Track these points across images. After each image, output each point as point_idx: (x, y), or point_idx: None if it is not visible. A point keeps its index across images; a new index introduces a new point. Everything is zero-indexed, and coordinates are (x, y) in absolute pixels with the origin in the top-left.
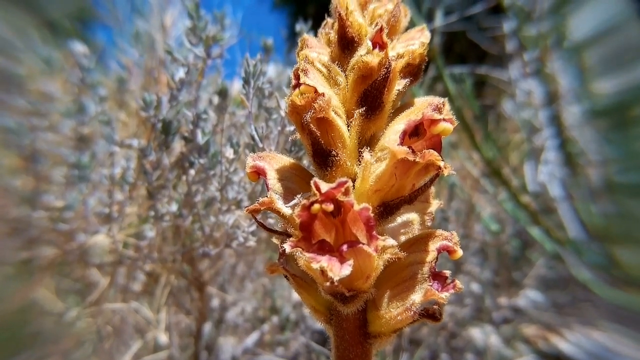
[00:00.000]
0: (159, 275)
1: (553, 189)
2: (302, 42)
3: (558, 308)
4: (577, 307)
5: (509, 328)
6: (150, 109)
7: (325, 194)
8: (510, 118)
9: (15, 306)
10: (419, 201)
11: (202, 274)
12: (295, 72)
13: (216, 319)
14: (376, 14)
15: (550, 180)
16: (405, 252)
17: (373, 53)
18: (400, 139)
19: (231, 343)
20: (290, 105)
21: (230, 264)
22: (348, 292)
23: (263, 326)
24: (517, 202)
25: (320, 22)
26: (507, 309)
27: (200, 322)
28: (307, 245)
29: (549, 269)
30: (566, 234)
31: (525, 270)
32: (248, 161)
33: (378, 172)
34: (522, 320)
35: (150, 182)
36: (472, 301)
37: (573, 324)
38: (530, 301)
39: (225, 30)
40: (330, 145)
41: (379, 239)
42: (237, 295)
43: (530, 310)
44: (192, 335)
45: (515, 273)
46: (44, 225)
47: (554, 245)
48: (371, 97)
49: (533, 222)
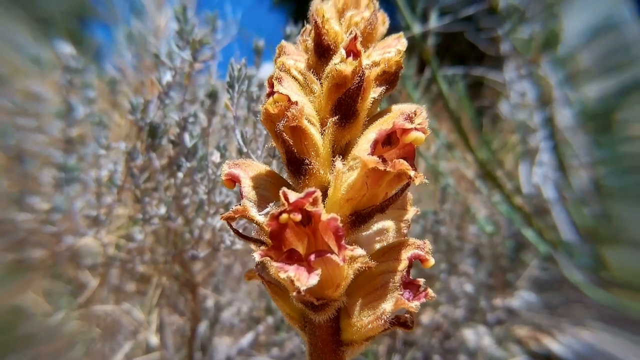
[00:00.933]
0: (151, 277)
1: (547, 191)
2: (279, 49)
3: (550, 309)
4: (568, 308)
5: (501, 329)
6: (137, 112)
7: (293, 204)
8: (506, 119)
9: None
10: (396, 208)
11: (195, 276)
12: (269, 80)
13: (211, 320)
14: (353, 22)
15: (544, 182)
16: (377, 260)
17: (347, 62)
18: (372, 148)
19: (226, 343)
20: (264, 113)
21: (225, 265)
22: (317, 301)
23: (258, 327)
24: (511, 204)
25: None
26: (501, 310)
27: (194, 323)
28: (277, 254)
29: (542, 271)
30: (559, 236)
31: (519, 271)
32: (224, 168)
33: (350, 181)
34: (515, 322)
35: (137, 185)
36: (466, 302)
37: (564, 325)
38: (523, 302)
39: (218, 31)
40: (304, 154)
41: (347, 248)
42: (232, 296)
43: (523, 312)
44: (186, 336)
45: (509, 275)
46: (31, 227)
47: (547, 247)
48: (345, 105)
49: (527, 224)
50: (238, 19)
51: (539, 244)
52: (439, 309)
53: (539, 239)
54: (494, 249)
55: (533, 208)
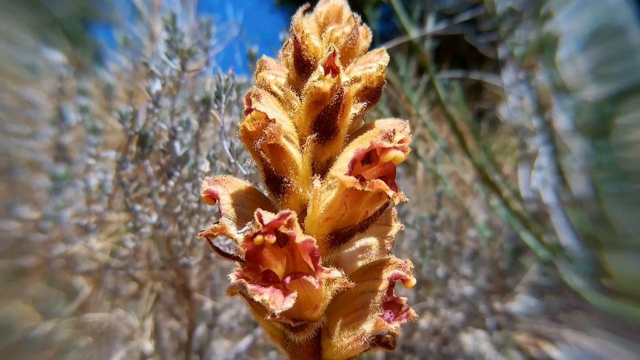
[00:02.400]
0: (145, 283)
1: (546, 195)
2: (260, 63)
3: (550, 315)
4: (569, 315)
5: (501, 335)
6: (126, 121)
7: (267, 226)
8: (506, 122)
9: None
10: (380, 224)
11: (189, 281)
12: (247, 97)
13: (208, 324)
14: (334, 37)
15: (544, 186)
16: (358, 280)
17: (325, 79)
18: (349, 167)
19: (224, 347)
20: (241, 130)
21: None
22: (294, 323)
23: (256, 330)
24: (509, 209)
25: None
26: (500, 315)
27: (191, 328)
28: (253, 275)
29: (542, 276)
30: (558, 241)
31: (519, 276)
32: (203, 185)
33: (328, 201)
34: (515, 327)
35: (127, 194)
36: (465, 307)
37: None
38: (523, 307)
39: (212, 37)
40: (282, 172)
41: (323, 270)
42: (230, 299)
43: (523, 317)
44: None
45: (508, 279)
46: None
47: (546, 252)
48: (325, 122)
49: (526, 228)
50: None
51: (538, 249)
52: (438, 313)
53: (538, 244)
54: (493, 254)
55: (532, 212)
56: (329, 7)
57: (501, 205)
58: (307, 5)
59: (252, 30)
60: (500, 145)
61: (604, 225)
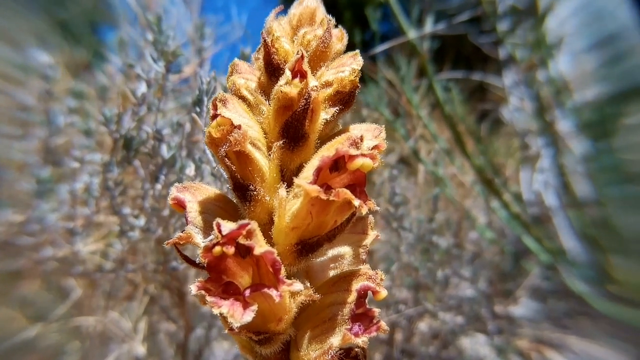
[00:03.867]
0: (138, 285)
1: (548, 198)
2: (231, 67)
3: (554, 320)
4: (573, 320)
5: (502, 339)
6: (111, 123)
7: (226, 237)
8: (508, 123)
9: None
10: (355, 232)
11: (184, 283)
12: (213, 102)
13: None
14: (306, 40)
15: (546, 188)
16: (327, 291)
17: (292, 84)
18: (314, 176)
19: (223, 348)
20: (207, 136)
21: None
22: (257, 336)
23: None
24: (509, 211)
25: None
26: (502, 319)
27: (187, 330)
28: (215, 286)
29: (544, 280)
30: (560, 245)
31: (520, 280)
32: (172, 192)
33: (294, 210)
34: (516, 332)
35: (113, 197)
36: (465, 310)
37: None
38: (525, 311)
39: (206, 38)
40: (248, 179)
41: (285, 283)
42: None
43: (525, 321)
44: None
45: (509, 283)
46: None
47: (548, 256)
48: (293, 128)
49: (527, 231)
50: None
51: (540, 253)
52: (437, 316)
53: (539, 247)
54: (494, 256)
55: (533, 215)
56: (302, 9)
57: (502, 207)
58: (280, 7)
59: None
60: (503, 146)
61: (607, 228)
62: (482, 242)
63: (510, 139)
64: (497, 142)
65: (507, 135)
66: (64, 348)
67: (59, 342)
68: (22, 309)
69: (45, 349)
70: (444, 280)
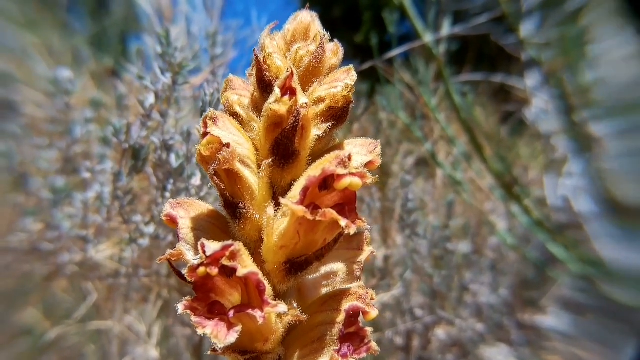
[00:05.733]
0: (152, 289)
1: (579, 204)
2: (226, 82)
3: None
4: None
5: (528, 351)
6: (120, 134)
7: (210, 257)
8: (532, 125)
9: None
10: (350, 249)
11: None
12: (204, 120)
13: None
14: (298, 56)
15: (575, 193)
16: (316, 310)
17: (281, 101)
18: (301, 195)
19: None
20: (197, 154)
21: None
22: (243, 356)
23: None
24: (531, 217)
25: (347, 24)
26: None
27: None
28: (201, 305)
29: (578, 292)
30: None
31: (545, 288)
32: (165, 208)
33: (281, 229)
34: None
35: (122, 206)
36: (485, 318)
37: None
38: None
39: (218, 45)
40: (238, 197)
41: (269, 304)
42: None
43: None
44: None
45: (533, 292)
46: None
47: (582, 265)
48: (283, 145)
49: (553, 238)
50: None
51: (571, 262)
52: (454, 324)
53: (570, 256)
54: (515, 264)
55: (561, 222)
56: (297, 24)
57: (523, 213)
58: (275, 22)
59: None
60: (527, 149)
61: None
62: (503, 248)
63: (535, 141)
64: (520, 144)
65: (531, 137)
66: (82, 350)
67: (78, 344)
68: (45, 311)
69: (65, 350)
70: (460, 288)
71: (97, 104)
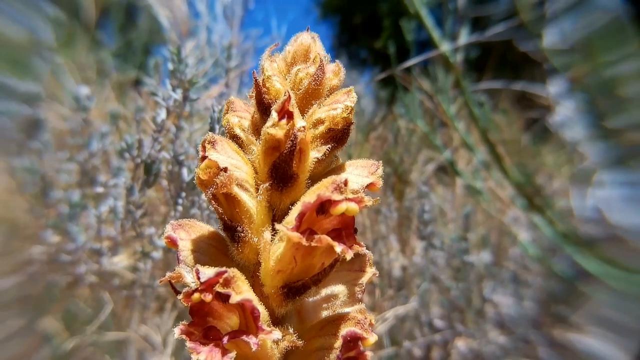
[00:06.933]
0: (167, 299)
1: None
2: (227, 104)
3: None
4: None
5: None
6: (132, 149)
7: (204, 284)
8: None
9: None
10: (351, 270)
11: None
12: (202, 144)
13: None
14: (298, 78)
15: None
16: (315, 335)
17: (278, 125)
18: (297, 221)
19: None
20: (196, 178)
21: None
22: None
23: None
24: (555, 228)
25: (367, 30)
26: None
27: None
28: (197, 330)
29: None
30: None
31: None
32: (166, 229)
33: (278, 254)
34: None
35: (135, 220)
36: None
37: None
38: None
39: (233, 58)
40: (236, 221)
41: (263, 331)
42: None
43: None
44: None
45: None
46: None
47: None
48: (281, 169)
49: (583, 251)
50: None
51: (611, 277)
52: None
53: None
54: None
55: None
56: (297, 46)
57: (546, 224)
58: (276, 44)
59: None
60: (552, 157)
61: None
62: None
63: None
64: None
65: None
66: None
67: (95, 354)
68: (64, 321)
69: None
70: (481, 300)
71: (115, 117)
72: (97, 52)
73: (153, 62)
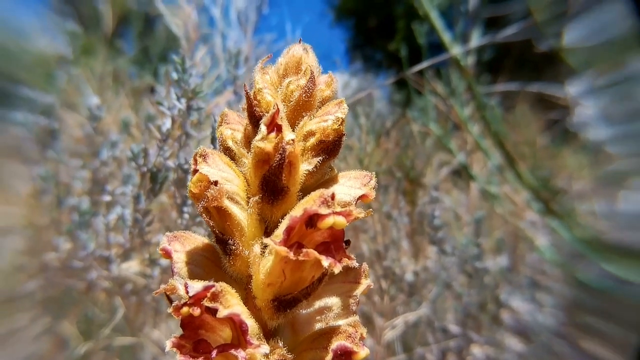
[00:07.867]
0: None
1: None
2: (221, 117)
3: None
4: None
5: None
6: (138, 158)
7: (192, 298)
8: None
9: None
10: (347, 282)
11: None
12: (194, 157)
13: None
14: (289, 90)
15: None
16: (307, 347)
17: (267, 138)
18: (285, 235)
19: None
20: (189, 191)
21: None
22: None
23: None
24: (572, 233)
25: (382, 33)
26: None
27: None
28: (188, 343)
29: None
30: None
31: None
32: (162, 241)
33: (267, 267)
34: None
35: (142, 228)
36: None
37: None
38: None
39: (240, 66)
40: (228, 234)
41: (252, 345)
42: None
43: None
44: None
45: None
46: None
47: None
48: (271, 182)
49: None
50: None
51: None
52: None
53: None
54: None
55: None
56: (289, 58)
57: (565, 229)
58: (269, 55)
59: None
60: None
61: None
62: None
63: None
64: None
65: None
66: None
67: (107, 358)
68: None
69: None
70: (496, 306)
71: (127, 125)
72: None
73: (164, 70)
